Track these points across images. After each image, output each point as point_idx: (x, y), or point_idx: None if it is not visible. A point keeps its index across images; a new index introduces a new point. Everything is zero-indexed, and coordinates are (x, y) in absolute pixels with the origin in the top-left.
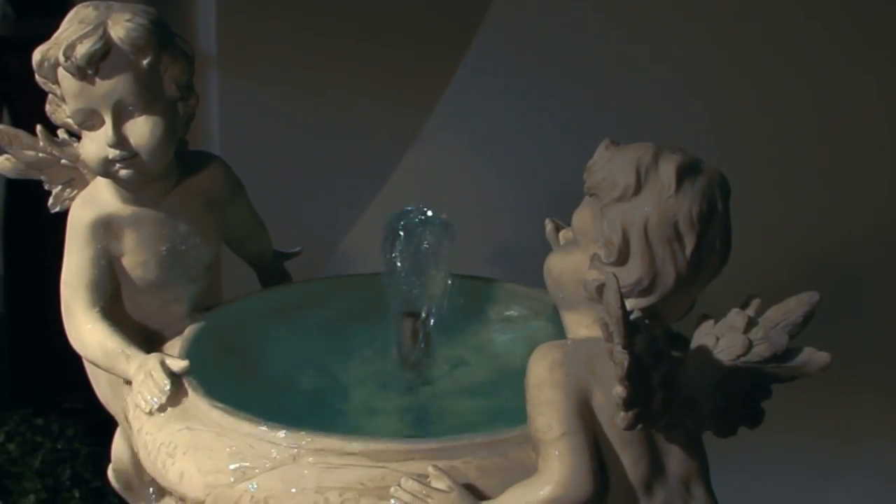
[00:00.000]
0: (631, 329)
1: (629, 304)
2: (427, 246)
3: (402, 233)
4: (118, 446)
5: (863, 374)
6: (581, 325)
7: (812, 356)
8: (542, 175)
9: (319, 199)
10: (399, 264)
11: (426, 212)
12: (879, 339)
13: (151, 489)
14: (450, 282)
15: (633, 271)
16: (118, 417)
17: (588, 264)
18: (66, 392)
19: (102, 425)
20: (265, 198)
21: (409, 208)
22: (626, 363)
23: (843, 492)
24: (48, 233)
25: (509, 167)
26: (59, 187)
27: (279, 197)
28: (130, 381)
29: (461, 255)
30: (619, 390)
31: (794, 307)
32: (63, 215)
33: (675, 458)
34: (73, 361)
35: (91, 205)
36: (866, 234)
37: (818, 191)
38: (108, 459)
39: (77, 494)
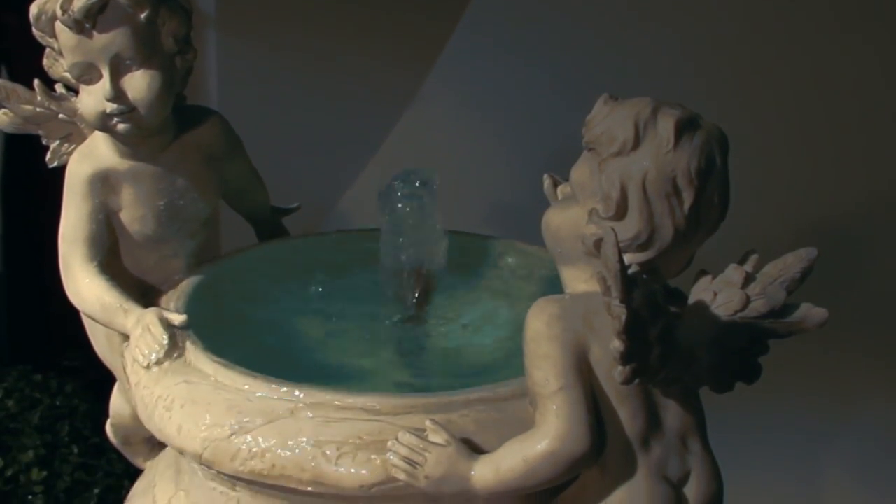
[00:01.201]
0: (629, 283)
1: (627, 258)
2: (424, 201)
3: (398, 193)
4: (116, 401)
5: (859, 334)
6: (579, 280)
7: (809, 312)
8: (541, 134)
9: (317, 158)
10: (395, 220)
11: (421, 173)
12: (876, 301)
13: None
14: (446, 237)
15: (631, 226)
16: (116, 372)
17: (586, 219)
18: (64, 350)
19: (101, 382)
20: (262, 155)
21: (405, 172)
22: (623, 317)
23: (838, 452)
24: (48, 191)
25: (508, 126)
26: (57, 142)
27: (277, 154)
28: (128, 335)
29: (459, 213)
30: (616, 345)
31: (791, 263)
32: (62, 173)
33: (672, 413)
34: (72, 320)
35: (89, 159)
36: (865, 194)
37: (818, 150)
38: (106, 415)
39: (76, 450)
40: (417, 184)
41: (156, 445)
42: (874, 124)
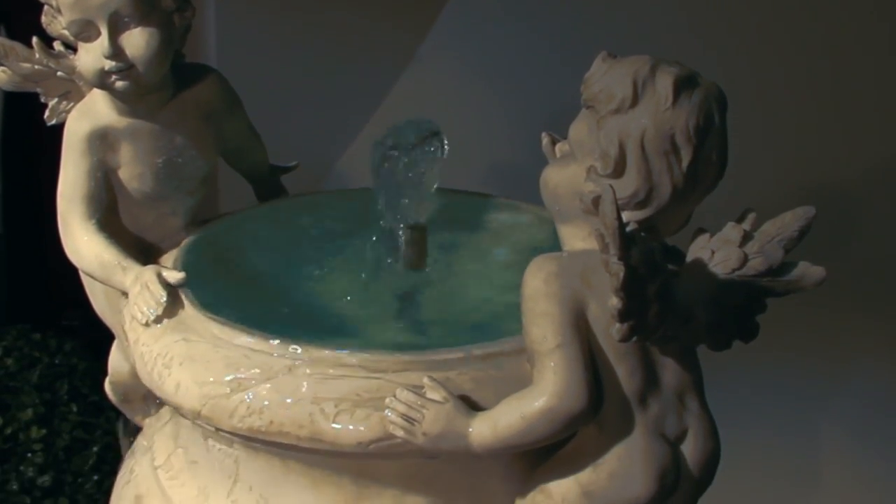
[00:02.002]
0: (627, 241)
1: (625, 216)
2: (423, 153)
3: (395, 151)
4: (115, 359)
5: (856, 295)
6: (577, 238)
7: (807, 271)
8: (539, 95)
9: (316, 117)
10: (393, 175)
11: (419, 125)
12: (874, 261)
13: None
14: (444, 193)
15: (629, 184)
16: (115, 330)
17: (584, 177)
18: (64, 310)
19: (100, 342)
20: (261, 114)
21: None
22: (621, 274)
23: (834, 412)
24: (47, 151)
25: (506, 87)
26: (56, 100)
27: (275, 114)
28: (127, 293)
29: (458, 174)
30: (614, 302)
31: (789, 221)
32: (62, 134)
33: (670, 371)
34: (71, 280)
35: (87, 117)
36: (863, 155)
37: (818, 110)
38: (105, 374)
39: (75, 409)
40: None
41: (154, 403)
42: (876, 85)
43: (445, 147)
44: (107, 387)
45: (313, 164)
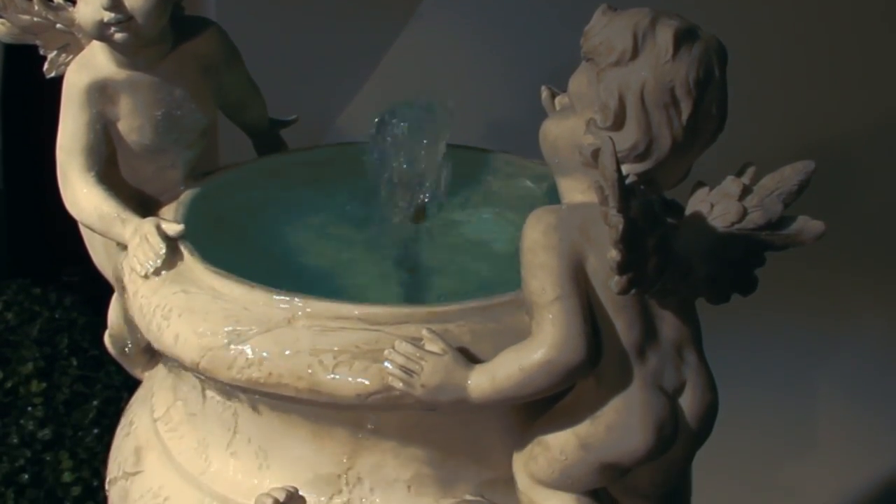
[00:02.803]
0: (626, 193)
1: (624, 169)
2: (424, 115)
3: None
4: (114, 312)
5: (853, 251)
6: (576, 191)
7: (806, 224)
8: (539, 49)
9: (316, 75)
10: (394, 132)
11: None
12: (871, 218)
13: None
14: (446, 149)
15: (628, 136)
16: (114, 283)
17: (584, 129)
18: (64, 265)
19: (100, 297)
20: (261, 69)
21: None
22: (620, 226)
23: (832, 367)
24: (47, 107)
25: (506, 42)
26: (55, 52)
27: (275, 69)
28: (126, 245)
29: (458, 129)
30: (613, 254)
31: (789, 175)
32: (61, 86)
33: (669, 324)
34: (71, 235)
35: (86, 69)
36: (864, 111)
37: (820, 65)
38: (104, 328)
39: (75, 363)
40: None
41: (154, 356)
42: (876, 41)
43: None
44: (106, 339)
45: (313, 121)
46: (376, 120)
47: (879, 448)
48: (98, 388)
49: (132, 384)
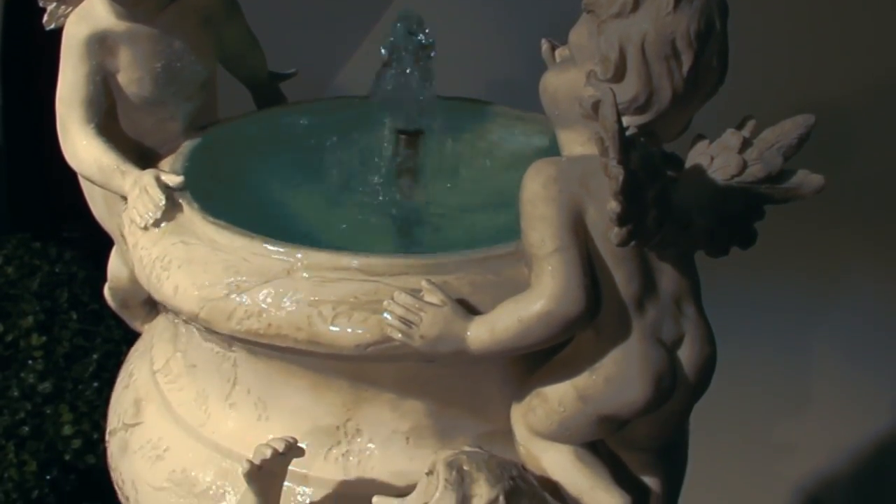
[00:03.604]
0: (626, 144)
1: (624, 121)
2: (424, 57)
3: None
4: (114, 264)
5: (851, 210)
6: (576, 143)
7: (806, 178)
8: (540, 4)
9: (316, 30)
10: (391, 81)
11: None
12: (869, 178)
13: None
14: (443, 100)
15: (629, 88)
16: (114, 235)
17: (584, 81)
18: (64, 221)
19: (100, 253)
20: (262, 24)
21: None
22: (620, 178)
23: (828, 325)
24: (47, 59)
25: None
26: (54, 4)
27: (276, 24)
28: (125, 196)
29: (457, 83)
30: (612, 205)
31: (789, 129)
32: (61, 41)
33: (667, 277)
34: (71, 190)
35: (86, 21)
36: (864, 69)
37: (821, 21)
38: (104, 282)
39: (74, 316)
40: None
41: (153, 308)
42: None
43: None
44: (106, 292)
45: (314, 76)
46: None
47: (874, 405)
48: (98, 341)
49: (132, 338)
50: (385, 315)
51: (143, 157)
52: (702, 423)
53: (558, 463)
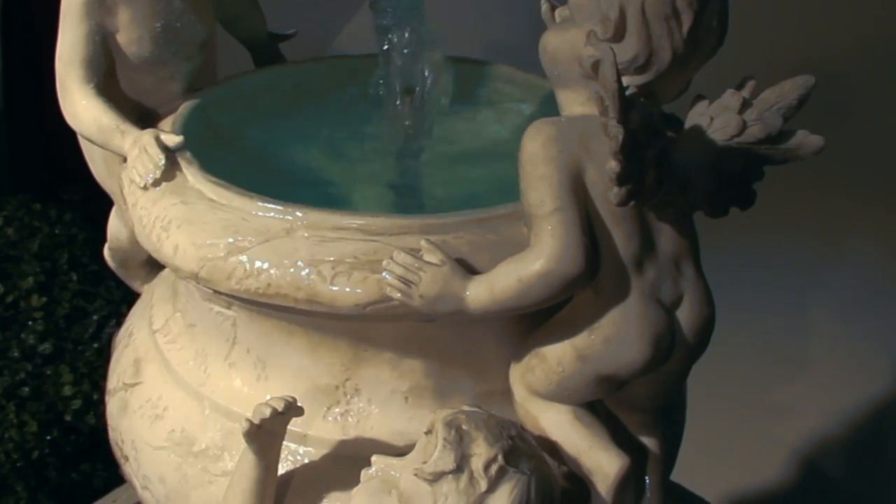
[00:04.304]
0: (626, 104)
1: (624, 81)
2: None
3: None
4: (113, 225)
5: (849, 175)
6: (576, 103)
7: (806, 139)
8: None
9: None
10: (394, 40)
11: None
12: (867, 143)
13: None
14: (445, 59)
15: (629, 48)
16: (113, 195)
17: (584, 41)
18: (64, 184)
19: (100, 216)
20: None
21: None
22: (620, 137)
23: (825, 289)
24: (47, 22)
25: None
26: None
27: None
28: (125, 156)
29: (457, 45)
30: (612, 165)
31: (789, 90)
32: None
33: (666, 237)
34: (72, 152)
35: None
36: (865, 31)
37: None
38: (104, 244)
39: (74, 277)
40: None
41: (153, 269)
42: None
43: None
44: (106, 253)
45: (313, 37)
46: None
47: (870, 367)
48: (98, 302)
49: (132, 299)
50: (384, 274)
51: (143, 117)
52: (699, 385)
53: (557, 423)
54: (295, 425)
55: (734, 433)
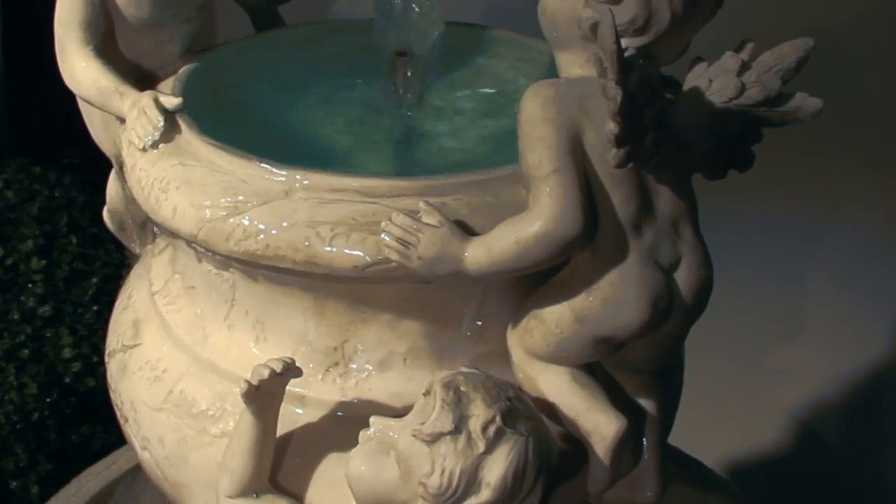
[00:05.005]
0: (625, 65)
1: (623, 43)
2: None
3: None
4: (113, 188)
5: (847, 138)
6: (574, 66)
7: (804, 101)
8: None
9: None
10: (391, 4)
11: None
12: (866, 106)
13: None
14: (442, 22)
15: (627, 9)
16: (112, 157)
17: (583, 3)
18: (64, 147)
19: (100, 179)
20: None
21: None
22: (619, 98)
23: (821, 255)
24: None
25: None
26: None
27: None
28: (124, 118)
29: (455, 9)
30: (611, 126)
31: (787, 52)
32: None
33: (665, 199)
34: (72, 117)
35: None
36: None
37: None
38: (103, 206)
39: (74, 240)
40: None
41: (152, 231)
42: None
43: None
44: (105, 215)
45: (313, 1)
46: None
47: (867, 332)
48: (97, 265)
49: (131, 261)
50: (383, 236)
51: (142, 79)
52: (697, 348)
53: (555, 384)
54: (294, 386)
55: (731, 396)
